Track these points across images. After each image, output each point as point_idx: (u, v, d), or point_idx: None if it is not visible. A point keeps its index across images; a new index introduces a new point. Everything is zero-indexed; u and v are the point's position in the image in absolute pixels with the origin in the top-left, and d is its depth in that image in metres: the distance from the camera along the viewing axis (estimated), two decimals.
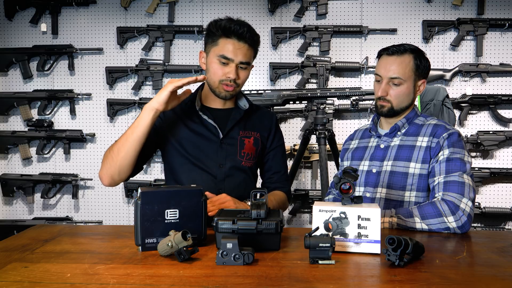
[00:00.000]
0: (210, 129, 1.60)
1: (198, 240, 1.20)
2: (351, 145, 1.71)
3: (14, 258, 1.11)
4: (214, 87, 1.57)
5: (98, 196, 3.27)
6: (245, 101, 1.67)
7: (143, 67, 3.12)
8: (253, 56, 1.59)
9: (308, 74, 3.04)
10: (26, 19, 3.21)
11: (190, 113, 1.63)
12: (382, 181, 1.52)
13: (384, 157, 1.56)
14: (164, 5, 3.16)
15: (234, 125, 1.62)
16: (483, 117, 3.05)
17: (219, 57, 1.52)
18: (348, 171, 1.19)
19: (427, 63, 1.57)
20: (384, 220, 1.38)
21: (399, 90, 1.51)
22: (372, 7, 3.08)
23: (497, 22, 2.97)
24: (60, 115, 3.25)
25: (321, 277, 0.96)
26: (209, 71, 1.57)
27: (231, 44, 1.51)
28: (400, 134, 1.57)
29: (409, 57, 1.52)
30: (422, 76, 1.57)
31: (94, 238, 1.36)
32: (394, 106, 1.53)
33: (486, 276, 0.97)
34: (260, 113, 1.72)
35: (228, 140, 1.61)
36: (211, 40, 1.56)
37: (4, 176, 3.22)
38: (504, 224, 3.03)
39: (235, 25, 1.51)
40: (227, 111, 1.64)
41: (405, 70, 1.51)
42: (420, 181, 1.48)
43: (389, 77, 1.51)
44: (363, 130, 1.72)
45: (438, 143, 1.47)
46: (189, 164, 1.59)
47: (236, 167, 1.60)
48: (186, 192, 1.22)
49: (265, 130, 1.69)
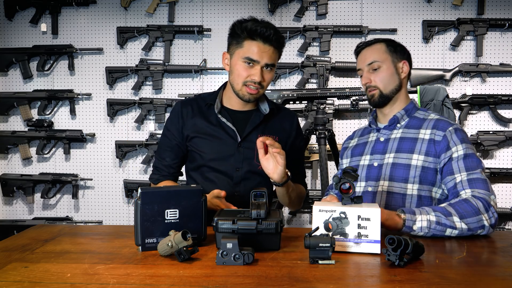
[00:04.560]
0: (229, 132, 1.60)
1: (198, 240, 1.20)
2: (351, 144, 1.70)
3: (14, 258, 1.11)
4: (237, 89, 1.55)
5: (98, 196, 3.27)
6: (267, 104, 1.65)
7: (143, 67, 3.12)
8: (278, 58, 1.58)
9: (308, 74, 3.04)
10: (26, 19, 3.21)
11: (208, 115, 1.63)
12: (384, 173, 1.50)
13: (385, 149, 1.54)
14: (164, 5, 3.16)
15: (253, 129, 1.61)
16: (483, 117, 3.05)
17: (245, 59, 1.51)
18: (348, 171, 1.19)
19: (403, 47, 1.58)
20: (422, 218, 1.26)
21: (380, 73, 1.53)
22: (372, 7, 3.08)
23: (497, 22, 2.97)
24: (60, 115, 3.25)
25: (321, 277, 0.96)
26: (233, 72, 1.56)
27: (256, 46, 1.50)
28: (400, 127, 1.56)
29: (380, 44, 1.56)
30: (401, 57, 1.56)
31: (94, 238, 1.36)
32: (382, 90, 1.53)
33: (486, 276, 0.97)
34: (281, 115, 1.69)
35: (246, 143, 1.60)
36: (235, 41, 1.54)
37: (4, 176, 3.22)
38: (504, 224, 3.03)
39: (261, 27, 1.49)
40: (247, 114, 1.63)
41: (379, 53, 1.54)
42: (423, 174, 1.45)
43: (366, 64, 1.54)
44: (362, 129, 1.71)
45: (445, 136, 1.45)
46: (206, 166, 1.61)
47: (252, 171, 1.60)
48: (186, 192, 1.22)
49: (285, 133, 1.68)
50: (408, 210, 1.29)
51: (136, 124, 3.20)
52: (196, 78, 3.17)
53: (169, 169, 1.67)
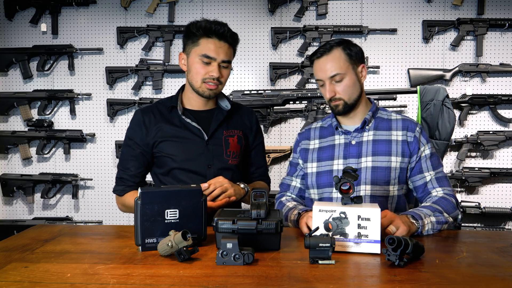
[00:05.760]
0: (194, 132, 1.63)
1: (198, 240, 1.20)
2: (311, 146, 1.64)
3: (14, 258, 1.11)
4: (196, 87, 1.59)
5: (98, 196, 3.27)
6: (227, 101, 1.69)
7: (143, 67, 3.12)
8: (233, 55, 1.63)
9: (308, 74, 3.04)
10: (26, 19, 3.21)
11: (171, 118, 1.65)
12: (365, 177, 1.51)
13: (360, 153, 1.54)
14: (164, 5, 3.16)
15: (218, 125, 1.65)
16: (483, 117, 3.05)
17: (201, 56, 1.55)
18: (348, 171, 1.19)
19: (357, 48, 1.55)
20: (425, 221, 1.35)
21: (344, 84, 1.51)
22: (372, 7, 3.08)
23: (497, 22, 2.97)
24: (60, 115, 3.25)
25: (321, 277, 0.96)
26: (191, 71, 1.60)
27: (212, 43, 1.55)
28: (369, 129, 1.56)
29: (338, 51, 1.51)
30: (359, 61, 1.54)
31: (94, 238, 1.36)
32: (347, 101, 1.52)
33: (486, 276, 0.98)
34: (241, 111, 1.75)
35: (213, 141, 1.64)
36: (191, 41, 1.59)
37: (4, 176, 3.22)
38: (504, 224, 3.03)
39: (216, 25, 1.55)
40: (209, 112, 1.67)
41: (340, 64, 1.50)
42: (401, 174, 1.53)
43: (328, 77, 1.51)
44: (319, 128, 1.66)
45: (415, 137, 1.54)
46: (177, 169, 1.61)
47: (224, 167, 1.63)
48: (186, 192, 1.22)
49: (247, 128, 1.74)
50: (417, 215, 1.34)
51: None
52: None
53: (134, 178, 1.65)
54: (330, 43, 1.53)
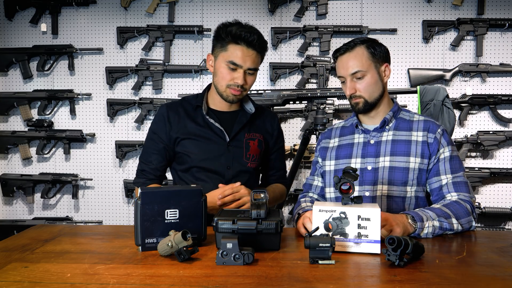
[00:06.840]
0: (217, 132, 1.63)
1: (198, 240, 1.20)
2: (331, 144, 1.65)
3: (14, 258, 1.11)
4: (221, 90, 1.60)
5: (98, 196, 3.27)
6: (251, 104, 1.70)
7: (143, 67, 3.12)
8: (261, 61, 1.62)
9: (308, 74, 3.04)
10: (26, 19, 3.20)
11: (196, 116, 1.66)
12: (381, 177, 1.50)
13: (378, 153, 1.52)
14: (164, 5, 3.16)
15: (241, 128, 1.66)
16: (483, 117, 3.05)
17: (228, 62, 1.54)
18: (348, 171, 1.19)
19: (382, 47, 1.54)
20: (428, 224, 1.31)
21: (365, 82, 1.50)
22: (372, 7, 3.08)
23: (497, 22, 2.97)
24: (60, 115, 3.25)
25: (321, 277, 0.96)
26: (217, 75, 1.60)
27: (240, 50, 1.53)
28: (389, 129, 1.55)
29: (361, 49, 1.50)
30: (383, 60, 1.53)
31: (94, 238, 1.36)
32: (367, 99, 1.51)
33: (486, 276, 0.98)
34: (264, 115, 1.76)
35: (234, 142, 1.64)
36: (220, 44, 1.57)
37: (4, 176, 3.22)
38: (504, 224, 3.03)
39: (246, 32, 1.53)
40: (232, 114, 1.68)
41: (362, 61, 1.49)
42: (419, 176, 1.49)
43: (350, 73, 1.50)
44: (340, 128, 1.67)
45: (436, 138, 1.50)
46: (196, 167, 1.63)
47: (242, 170, 1.64)
48: (186, 192, 1.22)
49: (268, 132, 1.74)
50: (418, 216, 1.31)
51: (136, 124, 3.20)
52: (196, 78, 3.17)
53: (156, 172, 1.67)
54: (354, 40, 1.53)
